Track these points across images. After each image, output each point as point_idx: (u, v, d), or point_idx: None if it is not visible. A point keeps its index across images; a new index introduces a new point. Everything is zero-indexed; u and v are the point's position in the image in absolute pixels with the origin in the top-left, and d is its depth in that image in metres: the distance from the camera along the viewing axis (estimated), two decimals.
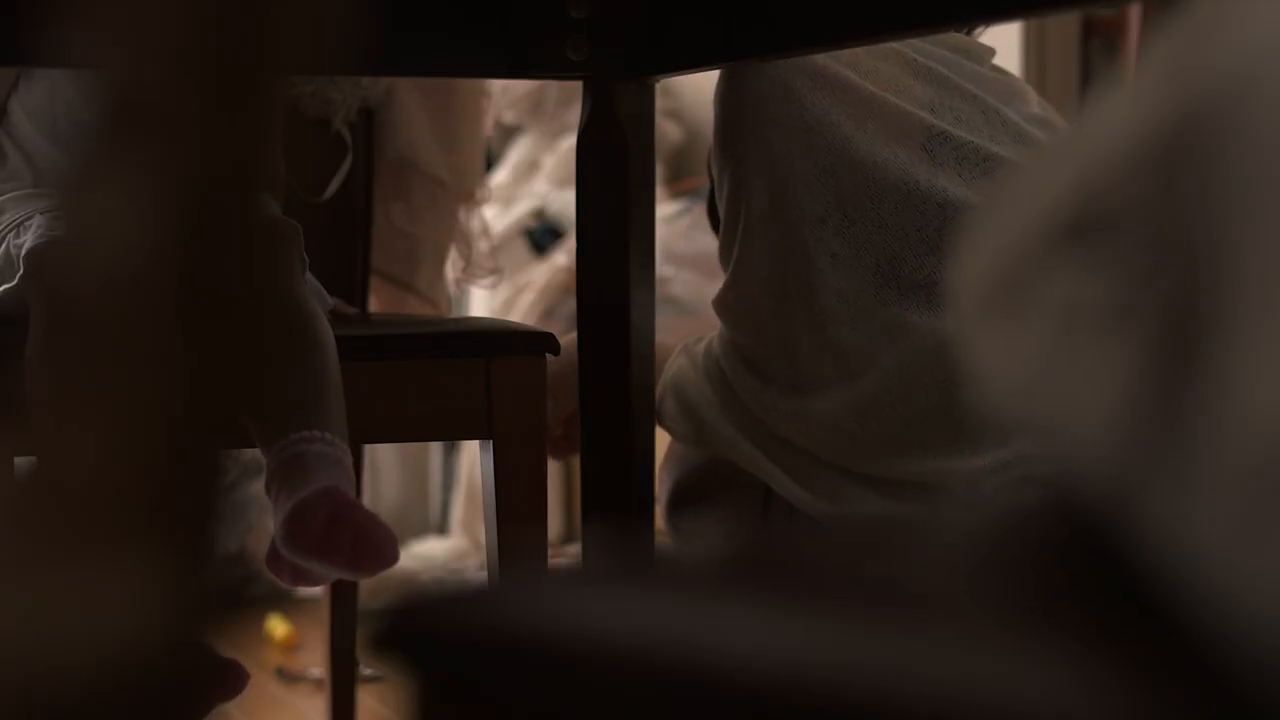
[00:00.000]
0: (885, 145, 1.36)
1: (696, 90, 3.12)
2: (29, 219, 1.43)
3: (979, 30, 1.53)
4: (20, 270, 1.35)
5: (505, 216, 3.14)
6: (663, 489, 1.58)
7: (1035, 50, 2.80)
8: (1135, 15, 2.66)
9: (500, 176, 3.22)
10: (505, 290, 2.93)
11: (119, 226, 0.38)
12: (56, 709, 0.39)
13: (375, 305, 1.96)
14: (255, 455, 1.27)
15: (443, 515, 3.21)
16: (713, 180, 1.49)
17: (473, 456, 2.96)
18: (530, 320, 2.83)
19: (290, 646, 2.50)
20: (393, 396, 1.42)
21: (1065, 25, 2.81)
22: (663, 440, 1.52)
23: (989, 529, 0.50)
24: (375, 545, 1.19)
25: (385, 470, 3.17)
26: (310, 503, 1.18)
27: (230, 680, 1.24)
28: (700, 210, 2.92)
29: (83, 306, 0.38)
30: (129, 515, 0.39)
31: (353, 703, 1.95)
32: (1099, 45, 2.86)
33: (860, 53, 1.38)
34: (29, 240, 1.38)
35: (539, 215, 3.16)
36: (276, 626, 2.53)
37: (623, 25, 1.40)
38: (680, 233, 2.90)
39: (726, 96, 1.40)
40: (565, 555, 2.94)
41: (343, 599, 1.93)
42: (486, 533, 1.48)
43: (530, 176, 3.25)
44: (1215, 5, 0.43)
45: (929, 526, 0.53)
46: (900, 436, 1.37)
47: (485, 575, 1.92)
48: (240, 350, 0.40)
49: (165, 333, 0.39)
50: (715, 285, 1.48)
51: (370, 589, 2.12)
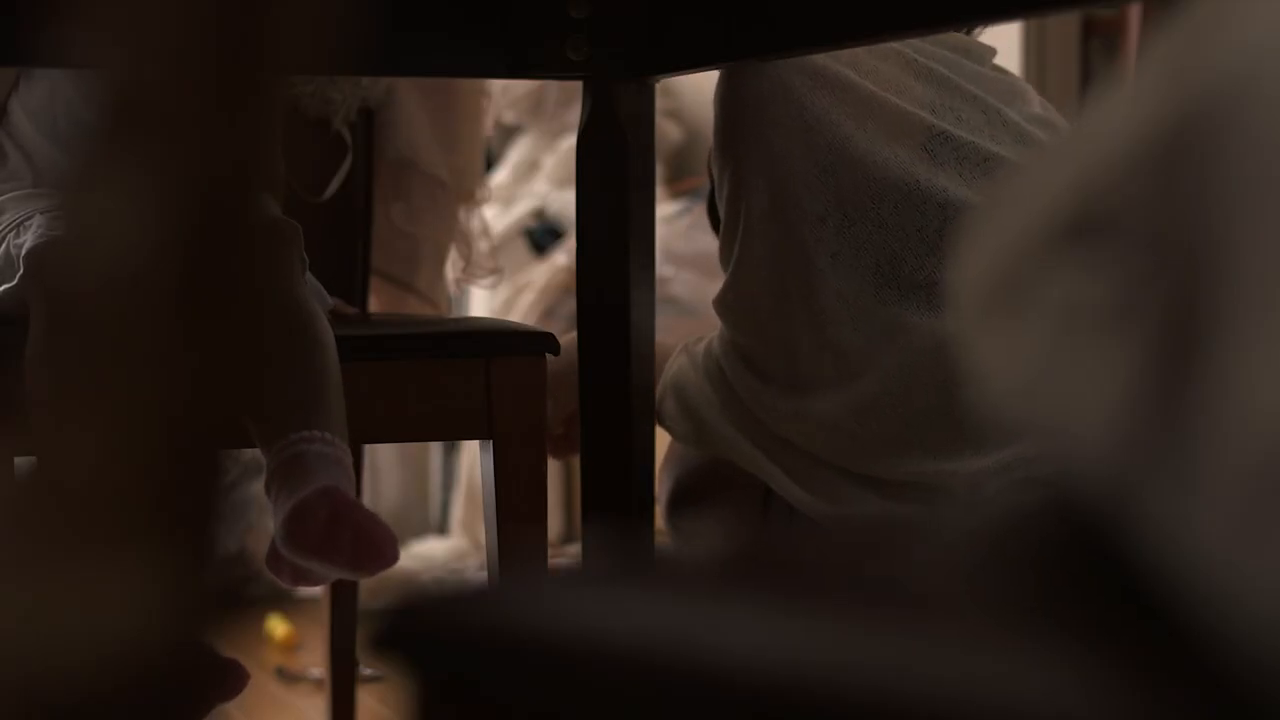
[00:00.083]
0: (885, 145, 1.36)
1: (696, 90, 3.12)
2: (29, 219, 1.43)
3: (978, 30, 1.53)
4: (20, 270, 1.35)
5: (505, 216, 3.14)
6: (663, 489, 1.58)
7: (1035, 50, 2.80)
8: (1135, 15, 2.66)
9: (500, 176, 3.22)
10: (505, 290, 2.93)
11: (119, 226, 0.38)
12: (57, 709, 0.39)
13: (375, 305, 1.96)
14: (255, 455, 1.27)
15: (443, 515, 3.21)
16: (713, 180, 1.48)
17: (473, 456, 2.96)
18: (530, 320, 2.83)
19: (290, 646, 2.50)
20: (393, 396, 1.42)
21: (1065, 25, 2.81)
22: (663, 440, 1.52)
23: (989, 529, 0.50)
24: (375, 545, 1.19)
25: (385, 470, 3.17)
26: (310, 503, 1.19)
27: (230, 680, 1.24)
28: (700, 210, 2.92)
29: (83, 306, 0.38)
30: (129, 515, 0.39)
31: (353, 703, 1.95)
32: (1099, 45, 2.86)
33: (860, 52, 1.38)
34: (29, 240, 1.38)
35: (539, 215, 3.16)
36: (276, 626, 2.53)
37: (623, 25, 1.40)
38: (680, 233, 2.90)
39: (726, 96, 1.40)
40: (565, 555, 2.94)
41: (343, 599, 1.92)
42: (486, 533, 1.48)
43: (530, 176, 3.25)
44: (1215, 5, 0.43)
45: (929, 527, 0.53)
46: (900, 437, 1.37)
47: (485, 575, 1.92)
48: (240, 350, 0.40)
49: (165, 333, 0.39)
50: (715, 285, 1.48)
51: (370, 589, 2.12)
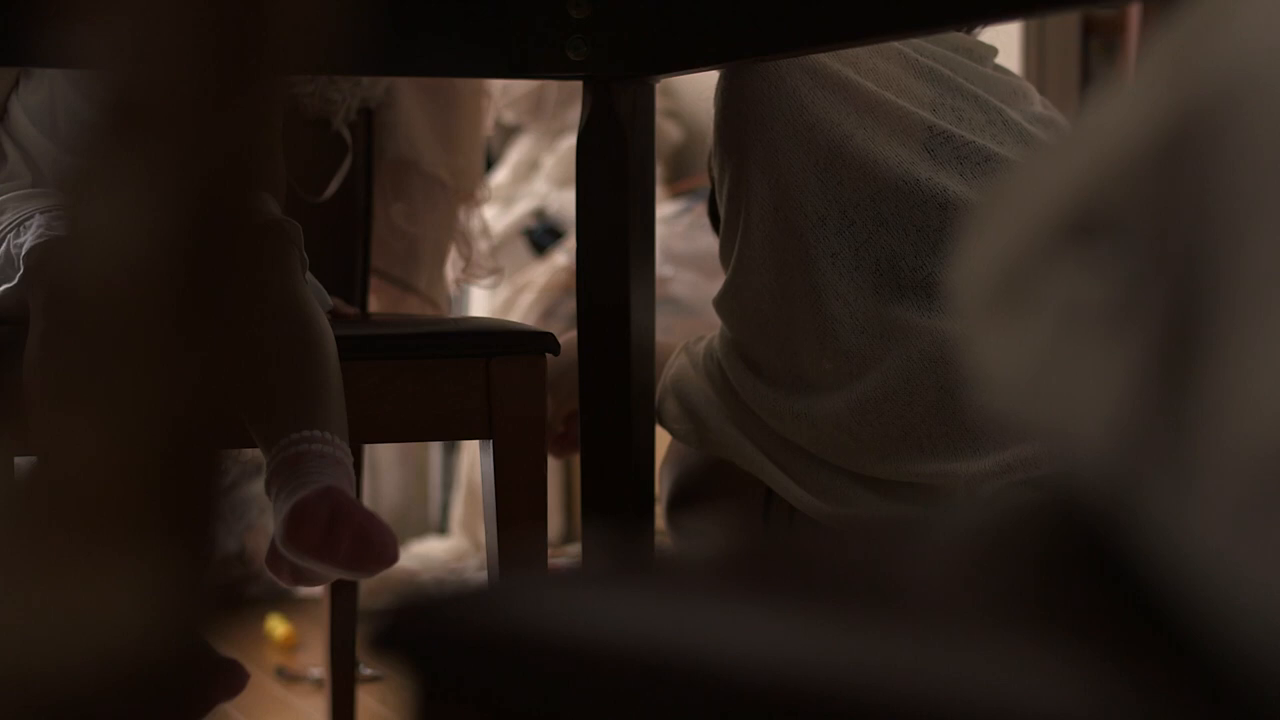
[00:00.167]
0: (886, 144, 1.36)
1: (696, 90, 3.12)
2: (29, 219, 1.43)
3: (978, 30, 1.53)
4: (20, 269, 1.35)
5: (505, 216, 3.14)
6: (663, 489, 1.58)
7: (1035, 50, 2.80)
8: (1135, 15, 2.66)
9: (500, 176, 3.22)
10: (505, 290, 2.93)
11: (119, 226, 0.38)
12: (57, 708, 0.39)
13: (375, 305, 1.96)
14: (255, 455, 1.27)
15: (443, 515, 3.21)
16: (713, 179, 1.48)
17: (473, 456, 2.96)
18: (530, 320, 2.83)
19: (290, 646, 2.50)
20: (393, 396, 1.42)
21: (1065, 25, 2.81)
22: (663, 440, 1.52)
23: (989, 530, 0.50)
24: (375, 545, 1.19)
25: (385, 470, 3.17)
26: (310, 503, 1.18)
27: (230, 680, 1.24)
28: (700, 210, 2.92)
29: (83, 306, 0.38)
30: (129, 515, 0.39)
31: (353, 703, 1.95)
32: (1099, 45, 2.86)
33: (861, 51, 1.38)
34: (29, 240, 1.38)
35: (539, 215, 3.16)
36: (276, 626, 2.53)
37: (623, 25, 1.40)
38: (680, 233, 2.90)
39: (726, 95, 1.40)
40: (565, 555, 2.94)
41: (343, 599, 1.92)
42: (486, 533, 1.48)
43: (530, 176, 3.25)
44: (1215, 5, 0.43)
45: (929, 528, 0.53)
46: (901, 438, 1.37)
47: (485, 575, 1.92)
48: (240, 350, 0.40)
49: (165, 332, 0.39)
50: (715, 285, 1.48)
51: (370, 589, 2.12)
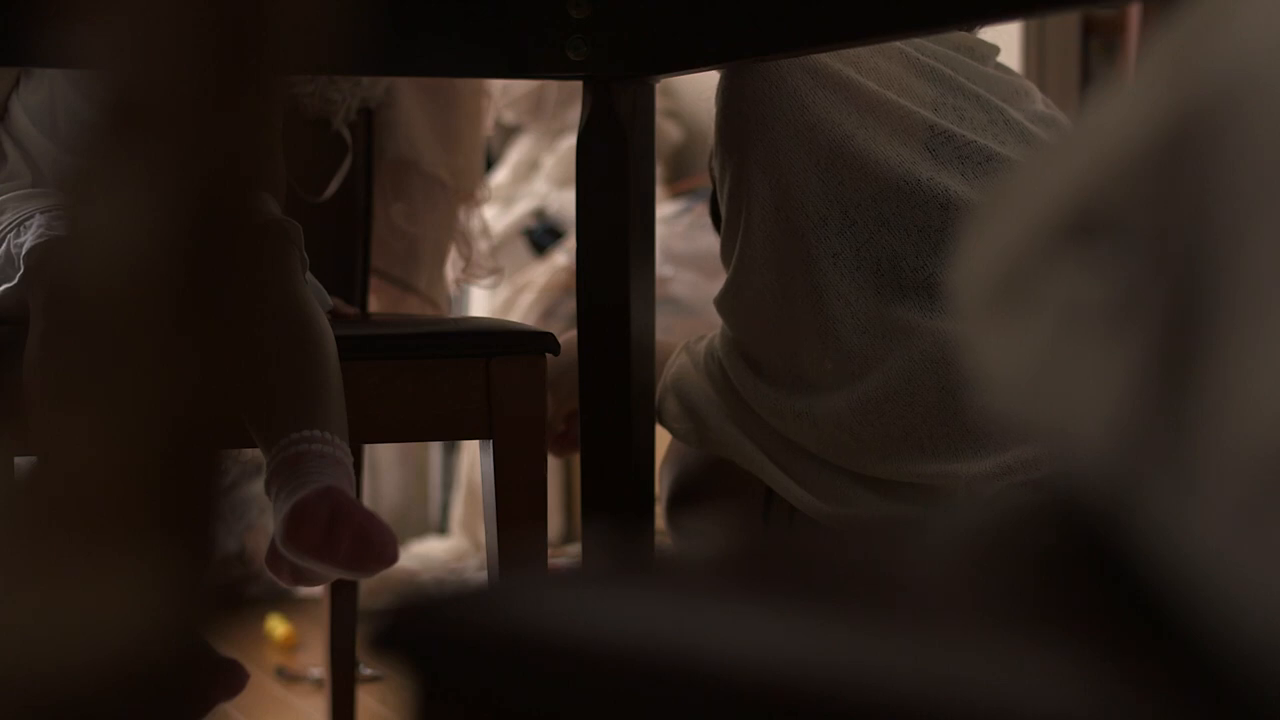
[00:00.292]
0: (887, 144, 1.36)
1: (696, 90, 3.12)
2: (29, 218, 1.43)
3: (978, 29, 1.53)
4: (20, 269, 1.35)
5: (505, 216, 3.14)
6: (663, 488, 1.58)
7: (1035, 50, 2.80)
8: (1135, 15, 2.66)
9: (500, 176, 3.22)
10: (505, 290, 2.93)
11: (119, 226, 0.38)
12: (58, 708, 0.39)
13: (375, 305, 1.96)
14: (255, 455, 1.27)
15: (443, 515, 3.21)
16: (714, 179, 1.48)
17: (473, 456, 2.96)
18: (530, 320, 2.83)
19: (290, 646, 2.50)
20: (393, 396, 1.42)
21: (1065, 25, 2.81)
22: (663, 440, 1.52)
23: (989, 530, 0.50)
24: (375, 545, 1.19)
25: (385, 470, 3.17)
26: (310, 503, 1.18)
27: (230, 680, 1.24)
28: (700, 210, 2.92)
29: (83, 306, 0.38)
30: (129, 515, 0.39)
31: (353, 703, 1.95)
32: (1099, 45, 2.86)
33: (862, 51, 1.38)
34: (29, 239, 1.38)
35: (539, 215, 3.16)
36: (276, 626, 2.53)
37: (623, 25, 1.40)
38: (680, 233, 2.90)
39: (727, 95, 1.40)
40: (565, 555, 2.94)
41: (343, 599, 1.92)
42: (486, 533, 1.48)
43: (530, 176, 3.25)
44: (1215, 5, 0.43)
45: (929, 528, 0.53)
46: (902, 438, 1.37)
47: (485, 575, 1.92)
48: (240, 350, 0.40)
49: (165, 332, 0.39)
50: (715, 285, 1.48)
51: (370, 589, 2.12)
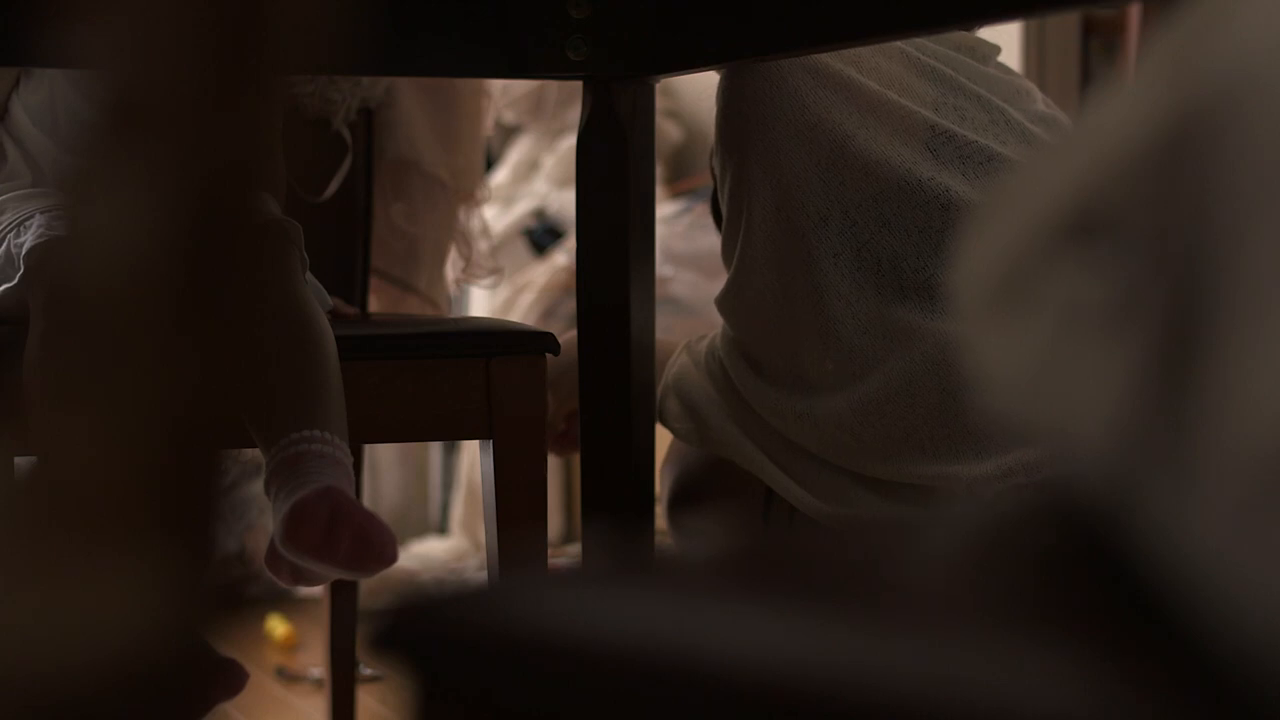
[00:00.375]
0: (888, 144, 1.36)
1: (696, 90, 3.12)
2: (29, 218, 1.43)
3: (977, 29, 1.53)
4: (20, 269, 1.35)
5: (505, 216, 3.14)
6: (664, 487, 1.58)
7: (1035, 50, 2.80)
8: (1135, 15, 2.66)
9: (500, 176, 3.22)
10: (505, 290, 2.93)
11: (119, 226, 0.38)
12: (58, 708, 0.39)
13: (375, 305, 1.96)
14: (255, 455, 1.27)
15: (443, 515, 3.21)
16: (715, 178, 1.48)
17: (473, 456, 2.96)
18: (530, 320, 2.83)
19: (290, 646, 2.50)
20: (393, 396, 1.42)
21: (1065, 25, 2.81)
22: (663, 440, 1.52)
23: (990, 530, 0.50)
24: (374, 545, 1.19)
25: (385, 470, 3.17)
26: (310, 502, 1.18)
27: (230, 680, 1.24)
28: (700, 210, 2.92)
29: (83, 306, 0.38)
30: (129, 515, 0.39)
31: (353, 703, 1.95)
32: (1099, 45, 2.86)
33: (863, 50, 1.37)
34: (29, 239, 1.38)
35: (539, 215, 3.16)
36: (276, 626, 2.53)
37: (623, 25, 1.40)
38: (680, 233, 2.90)
39: (728, 95, 1.40)
40: (565, 555, 2.94)
41: (343, 599, 1.92)
42: (486, 533, 1.48)
43: (530, 176, 3.25)
44: (1215, 5, 0.43)
45: (930, 529, 0.53)
46: (903, 439, 1.36)
47: (485, 575, 1.92)
48: (240, 350, 0.40)
49: (165, 332, 0.39)
50: (715, 285, 1.48)
51: (370, 589, 2.12)
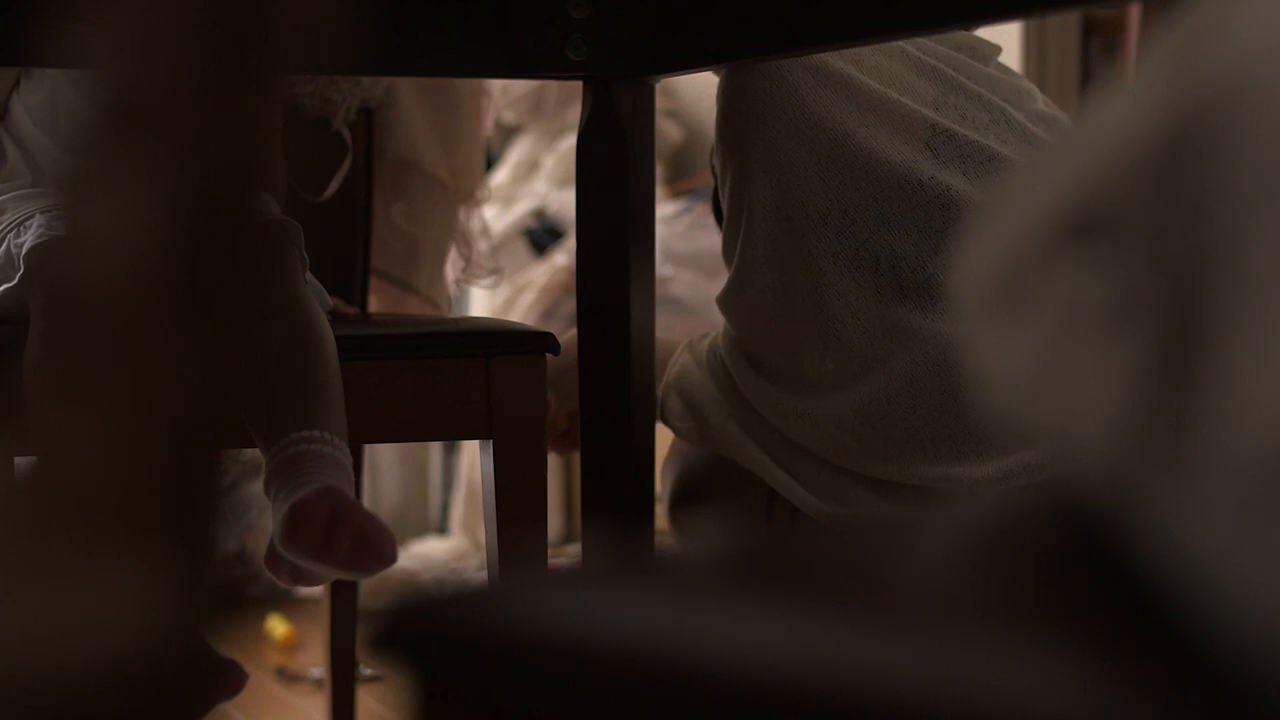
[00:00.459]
0: (888, 142, 1.35)
1: (696, 90, 3.12)
2: (29, 218, 1.43)
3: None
4: (20, 269, 1.35)
5: (505, 216, 3.14)
6: (665, 487, 1.58)
7: (1035, 50, 2.80)
8: (1135, 15, 2.66)
9: (500, 176, 3.22)
10: (505, 290, 2.93)
11: (119, 226, 0.38)
12: (58, 708, 0.39)
13: (375, 305, 1.96)
14: (255, 455, 1.27)
15: (443, 515, 3.21)
16: (716, 177, 1.48)
17: (473, 456, 2.96)
18: (530, 320, 2.83)
19: (290, 646, 2.50)
20: (393, 396, 1.42)
21: (1065, 25, 2.81)
22: (663, 440, 1.52)
23: (990, 531, 0.50)
24: (374, 545, 1.19)
25: (385, 470, 3.17)
26: (309, 503, 1.18)
27: (230, 680, 1.24)
28: (701, 209, 2.92)
29: (83, 306, 0.38)
30: (129, 515, 0.39)
31: (353, 703, 1.95)
32: (1099, 45, 2.86)
33: (863, 49, 1.37)
34: (29, 239, 1.38)
35: (539, 215, 3.16)
36: (276, 626, 2.53)
37: (623, 25, 1.40)
38: (680, 233, 2.90)
39: (728, 94, 1.40)
40: (565, 555, 2.94)
41: (343, 599, 1.92)
42: (486, 533, 1.48)
43: (530, 176, 3.25)
44: (1215, 5, 0.43)
45: (931, 529, 0.53)
46: (904, 440, 1.36)
47: (485, 575, 1.92)
48: (240, 350, 0.40)
49: (165, 332, 0.39)
50: (715, 285, 1.48)
51: (370, 589, 2.12)
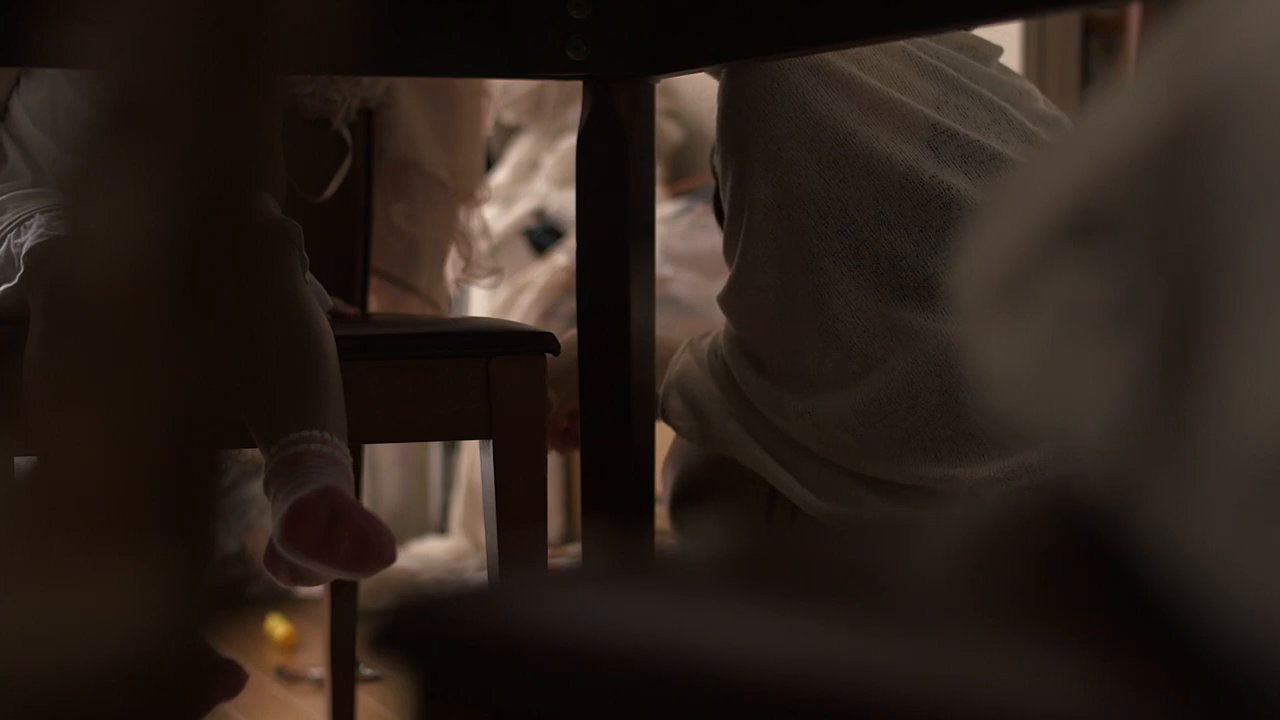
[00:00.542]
0: (889, 141, 1.35)
1: (696, 90, 3.12)
2: (29, 218, 1.43)
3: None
4: (20, 269, 1.35)
5: (505, 216, 3.14)
6: (666, 486, 1.58)
7: (1035, 50, 2.80)
8: (1135, 15, 2.66)
9: (500, 176, 3.22)
10: (505, 290, 2.93)
11: (119, 226, 0.38)
12: (58, 708, 0.39)
13: (375, 305, 1.96)
14: (255, 455, 1.27)
15: (443, 515, 3.21)
16: (716, 176, 1.48)
17: (473, 456, 2.96)
18: (530, 320, 2.83)
19: (290, 646, 2.50)
20: (393, 396, 1.42)
21: (1065, 25, 2.81)
22: (663, 440, 1.52)
23: (990, 531, 0.50)
24: (374, 545, 1.19)
25: (385, 470, 3.17)
26: (309, 502, 1.18)
27: (230, 681, 1.24)
28: (701, 209, 2.92)
29: (83, 306, 0.38)
30: (129, 515, 0.39)
31: (353, 703, 1.95)
32: (1099, 45, 2.86)
33: (864, 49, 1.37)
34: (29, 239, 1.38)
35: (539, 215, 3.16)
36: (276, 626, 2.53)
37: (623, 25, 1.40)
38: (680, 233, 2.90)
39: (729, 93, 1.40)
40: (565, 555, 2.94)
41: (343, 599, 1.92)
42: (486, 533, 1.48)
43: (530, 176, 3.25)
44: (1215, 5, 0.43)
45: (931, 529, 0.53)
46: (905, 440, 1.36)
47: (485, 575, 1.92)
48: (240, 350, 0.40)
49: (165, 332, 0.39)
50: (715, 285, 1.48)
51: (370, 589, 2.12)
